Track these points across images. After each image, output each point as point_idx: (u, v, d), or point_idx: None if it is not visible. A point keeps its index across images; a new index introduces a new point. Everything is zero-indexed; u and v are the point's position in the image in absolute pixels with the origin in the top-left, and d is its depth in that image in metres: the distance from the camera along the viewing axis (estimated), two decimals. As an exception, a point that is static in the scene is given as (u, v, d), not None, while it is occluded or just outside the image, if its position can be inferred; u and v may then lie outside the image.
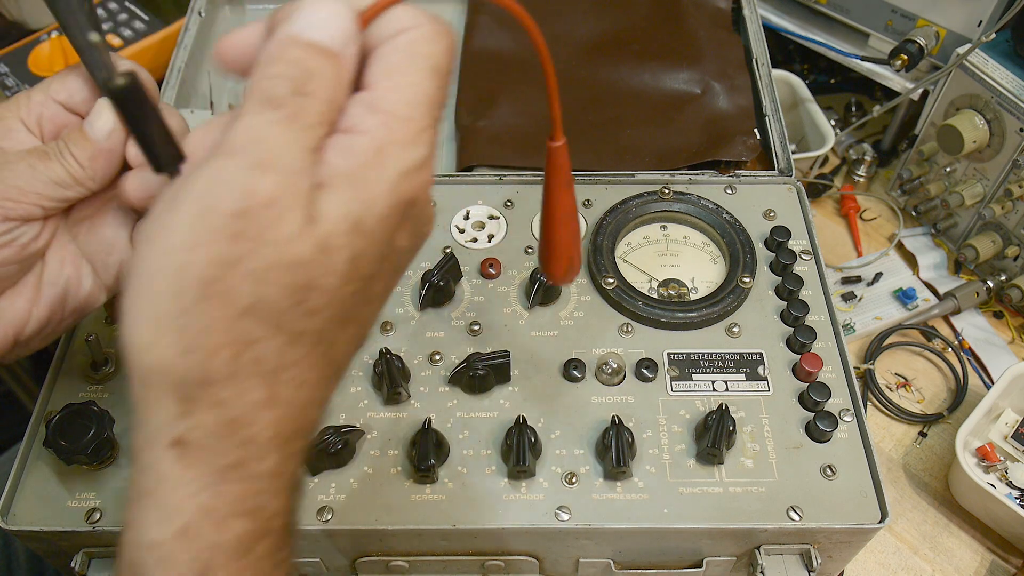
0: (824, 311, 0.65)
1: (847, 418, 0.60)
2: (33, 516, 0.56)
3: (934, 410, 0.79)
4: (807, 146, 0.91)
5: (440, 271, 0.64)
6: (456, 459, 0.59)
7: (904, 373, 0.81)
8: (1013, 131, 0.76)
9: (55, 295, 0.47)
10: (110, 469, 0.58)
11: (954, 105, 0.81)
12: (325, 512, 0.56)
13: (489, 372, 0.60)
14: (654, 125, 0.77)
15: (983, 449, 0.72)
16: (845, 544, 0.58)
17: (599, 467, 0.58)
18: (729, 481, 0.57)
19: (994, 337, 0.83)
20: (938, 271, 0.87)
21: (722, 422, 0.56)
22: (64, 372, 0.62)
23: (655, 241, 0.70)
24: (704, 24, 0.84)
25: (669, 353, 0.63)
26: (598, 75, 0.81)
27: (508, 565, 0.59)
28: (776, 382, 0.62)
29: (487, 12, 0.86)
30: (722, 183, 0.73)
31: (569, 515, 0.56)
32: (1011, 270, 0.82)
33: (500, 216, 0.71)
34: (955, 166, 0.83)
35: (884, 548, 0.71)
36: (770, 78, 0.79)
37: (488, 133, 0.76)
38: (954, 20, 0.82)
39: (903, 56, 0.83)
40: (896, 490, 0.74)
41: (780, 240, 0.68)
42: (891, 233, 0.91)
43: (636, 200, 0.70)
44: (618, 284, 0.65)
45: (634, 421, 0.60)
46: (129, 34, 0.99)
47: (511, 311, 0.65)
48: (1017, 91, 0.74)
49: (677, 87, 0.80)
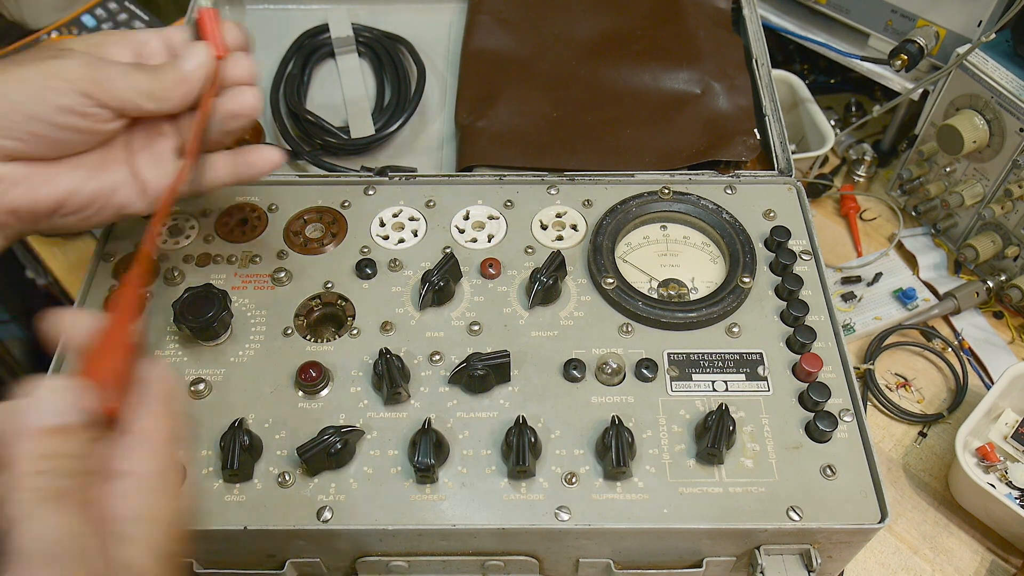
0: (824, 311, 0.65)
1: (847, 418, 0.60)
2: (33, 516, 0.56)
3: (934, 410, 0.79)
4: (807, 146, 0.91)
5: (440, 271, 0.64)
6: (456, 459, 0.59)
7: (904, 373, 0.81)
8: (1013, 131, 0.76)
9: (104, 184, 0.57)
10: (110, 469, 0.58)
11: (954, 105, 0.81)
12: (325, 512, 0.56)
13: (489, 372, 0.60)
14: (654, 125, 0.77)
15: (983, 449, 0.72)
16: (845, 544, 0.58)
17: (599, 467, 0.58)
18: (729, 481, 0.57)
19: (994, 337, 0.83)
20: (938, 271, 0.87)
21: (722, 422, 0.56)
22: (64, 372, 0.62)
23: (655, 241, 0.70)
24: (704, 24, 0.84)
25: (669, 353, 0.63)
26: (598, 75, 0.81)
27: (508, 565, 0.59)
28: (776, 382, 0.62)
29: (487, 12, 0.86)
30: (722, 183, 0.73)
31: (569, 515, 0.56)
32: (1011, 270, 0.82)
33: (500, 216, 0.71)
34: (955, 166, 0.83)
35: (884, 548, 0.71)
36: (770, 78, 0.79)
37: (488, 133, 0.76)
38: (954, 20, 0.82)
39: (903, 56, 0.83)
40: (896, 490, 0.74)
41: (780, 240, 0.68)
42: (891, 233, 0.91)
43: (636, 200, 0.70)
44: (618, 284, 0.65)
45: (634, 421, 0.60)
46: (129, 34, 0.99)
47: (511, 311, 0.65)
48: (1017, 91, 0.74)
49: (677, 87, 0.80)
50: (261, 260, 0.68)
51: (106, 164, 0.57)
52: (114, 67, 0.55)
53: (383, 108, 0.81)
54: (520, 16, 0.86)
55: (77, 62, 0.54)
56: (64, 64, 0.53)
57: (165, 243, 0.70)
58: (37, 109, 0.53)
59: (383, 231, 0.70)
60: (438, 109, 0.83)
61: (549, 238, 0.70)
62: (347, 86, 0.83)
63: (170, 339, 0.64)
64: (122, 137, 0.58)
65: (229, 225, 0.70)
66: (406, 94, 0.81)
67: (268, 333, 0.64)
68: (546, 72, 0.81)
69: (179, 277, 0.67)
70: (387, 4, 0.90)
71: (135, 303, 0.48)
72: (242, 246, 0.69)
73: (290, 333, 0.64)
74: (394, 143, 0.80)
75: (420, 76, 0.82)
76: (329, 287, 0.67)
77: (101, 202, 0.57)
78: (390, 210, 0.71)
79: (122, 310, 0.47)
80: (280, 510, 0.57)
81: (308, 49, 0.85)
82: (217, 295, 0.62)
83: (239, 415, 0.59)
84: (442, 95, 0.84)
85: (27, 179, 0.55)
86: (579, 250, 0.69)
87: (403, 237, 0.70)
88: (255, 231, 0.70)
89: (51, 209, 0.56)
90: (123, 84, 0.55)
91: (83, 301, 0.66)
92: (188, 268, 0.68)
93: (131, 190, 0.58)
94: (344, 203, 0.72)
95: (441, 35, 0.89)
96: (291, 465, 0.58)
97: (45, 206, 0.56)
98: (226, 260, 0.69)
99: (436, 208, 0.72)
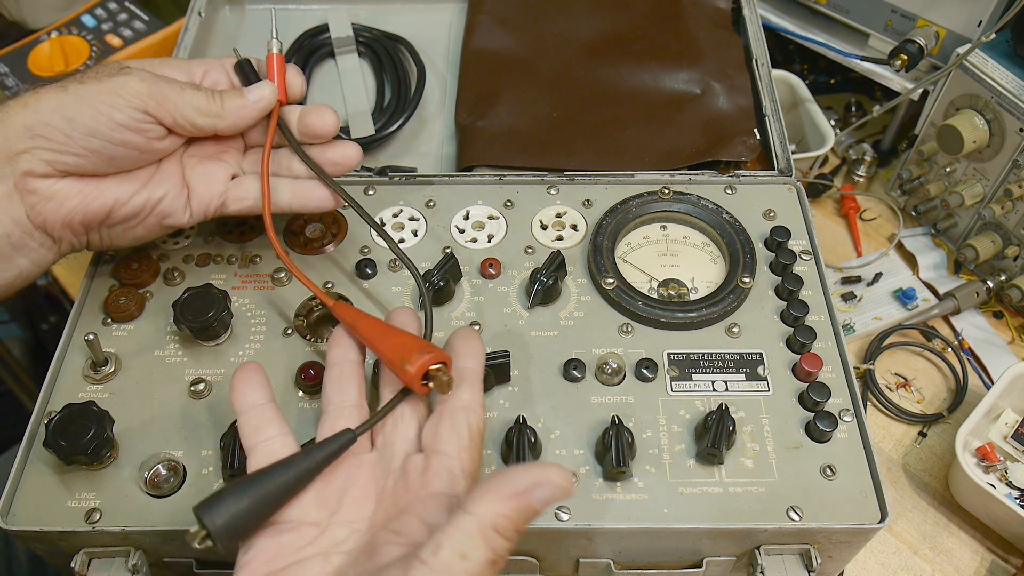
0: (824, 311, 0.65)
1: (847, 418, 0.60)
2: (33, 516, 0.56)
3: (934, 410, 0.79)
4: (807, 146, 0.91)
5: (440, 271, 0.64)
6: (456, 459, 0.59)
7: (904, 373, 0.81)
8: (1013, 131, 0.76)
9: (154, 195, 0.59)
10: (110, 469, 0.58)
11: (954, 105, 0.81)
12: (325, 512, 0.56)
13: (489, 372, 0.60)
14: (654, 125, 0.77)
15: (983, 449, 0.72)
16: (845, 544, 0.58)
17: (599, 467, 0.58)
18: (729, 481, 0.57)
19: (994, 337, 0.83)
20: (938, 271, 0.87)
21: (722, 422, 0.56)
22: (64, 372, 0.62)
23: (655, 241, 0.70)
24: (704, 24, 0.84)
25: (669, 353, 0.63)
26: (598, 75, 0.81)
27: (508, 565, 0.59)
28: (776, 382, 0.62)
29: (487, 12, 0.86)
30: (722, 183, 0.73)
31: (569, 515, 0.56)
32: (1011, 270, 0.82)
33: (500, 216, 0.71)
34: (955, 166, 0.83)
35: (884, 548, 0.71)
36: (770, 78, 0.79)
37: (488, 133, 0.76)
38: (954, 20, 0.82)
39: (903, 56, 0.83)
40: (896, 490, 0.74)
41: (780, 240, 0.68)
42: (891, 233, 0.91)
43: (636, 200, 0.70)
44: (618, 284, 0.65)
45: (634, 421, 0.60)
46: (129, 34, 0.99)
47: (511, 311, 0.65)
48: (1017, 91, 0.74)
49: (677, 87, 0.80)
50: (261, 260, 0.68)
51: (157, 177, 0.60)
52: (172, 84, 0.57)
53: (383, 108, 0.81)
54: (520, 16, 0.86)
55: (137, 78, 0.56)
56: (125, 81, 0.55)
57: (165, 243, 0.70)
58: (94, 125, 0.54)
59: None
60: (438, 109, 0.83)
61: (549, 238, 0.70)
62: (347, 86, 0.83)
63: (170, 339, 0.64)
64: (175, 154, 0.61)
65: (229, 225, 0.70)
66: (406, 94, 0.81)
67: (268, 333, 0.64)
68: (546, 72, 0.81)
69: (179, 277, 0.67)
70: (387, 4, 0.90)
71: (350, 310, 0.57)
72: (242, 246, 0.69)
73: (290, 333, 0.64)
74: (394, 143, 0.80)
75: (420, 76, 0.82)
76: (329, 287, 0.67)
77: (146, 212, 0.59)
78: (390, 210, 0.71)
79: (361, 317, 0.55)
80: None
81: (308, 49, 0.85)
82: (217, 295, 0.62)
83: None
84: (442, 95, 0.84)
85: (80, 192, 0.57)
86: (579, 250, 0.69)
87: (403, 237, 0.70)
88: (255, 231, 0.70)
89: (100, 219, 0.58)
90: (179, 100, 0.57)
91: (83, 301, 0.66)
92: (188, 268, 0.68)
93: (177, 202, 0.60)
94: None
95: (441, 35, 0.89)
96: (291, 465, 0.58)
97: (96, 217, 0.58)
98: (226, 260, 0.69)
99: (436, 208, 0.72)
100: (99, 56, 0.96)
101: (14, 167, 0.54)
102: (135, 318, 0.65)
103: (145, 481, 0.57)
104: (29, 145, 0.54)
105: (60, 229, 0.57)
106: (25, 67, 0.95)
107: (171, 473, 0.57)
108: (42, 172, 0.55)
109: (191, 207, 0.61)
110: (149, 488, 0.57)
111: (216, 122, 0.59)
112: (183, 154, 0.62)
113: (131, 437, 0.59)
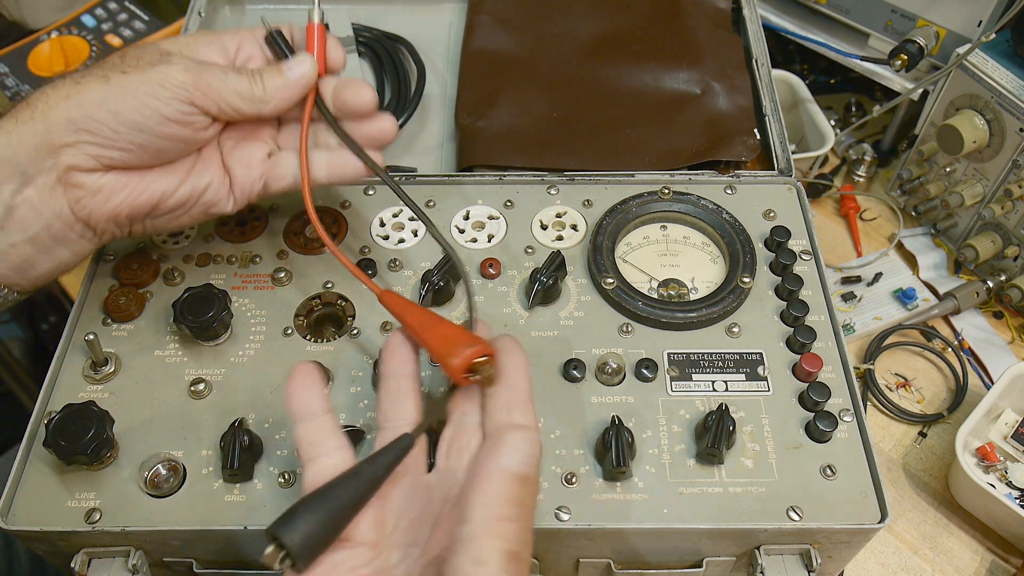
0: (824, 311, 0.65)
1: (847, 418, 0.60)
2: (33, 516, 0.56)
3: (934, 410, 0.79)
4: (807, 146, 0.91)
5: (440, 271, 0.64)
6: (456, 459, 0.59)
7: (904, 373, 0.81)
8: (1013, 131, 0.76)
9: (198, 185, 0.58)
10: (110, 469, 0.58)
11: (954, 105, 0.81)
12: (325, 512, 0.56)
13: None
14: (654, 125, 0.77)
15: (983, 449, 0.72)
16: (845, 544, 0.58)
17: (599, 467, 0.58)
18: (729, 481, 0.57)
19: (994, 337, 0.83)
20: (938, 271, 0.87)
21: (722, 422, 0.56)
22: (64, 372, 0.62)
23: (655, 241, 0.70)
24: (704, 24, 0.84)
25: (669, 353, 0.63)
26: (598, 75, 0.81)
27: (508, 565, 0.59)
28: (776, 382, 0.62)
29: (487, 12, 0.86)
30: (722, 183, 0.73)
31: (569, 515, 0.56)
32: (1011, 270, 0.82)
33: (500, 216, 0.71)
34: (955, 166, 0.84)
35: (884, 548, 0.71)
36: (770, 78, 0.79)
37: (488, 133, 0.76)
38: (954, 20, 0.82)
39: (903, 56, 0.83)
40: (896, 490, 0.74)
41: (780, 240, 0.68)
42: (891, 233, 0.91)
43: (636, 200, 0.70)
44: (618, 284, 0.65)
45: (634, 421, 0.60)
46: (129, 34, 0.99)
47: (511, 311, 0.65)
48: (1017, 91, 0.74)
49: (677, 87, 0.80)
50: (261, 260, 0.68)
51: (198, 166, 0.59)
52: (214, 70, 0.56)
53: (383, 108, 0.81)
54: (520, 16, 0.86)
55: (181, 67, 0.54)
56: (168, 71, 0.54)
57: (165, 243, 0.70)
58: (141, 119, 0.53)
59: (383, 231, 0.70)
60: (438, 109, 0.83)
61: (549, 238, 0.70)
62: (347, 86, 0.83)
63: (170, 339, 0.64)
64: (215, 140, 0.59)
65: (229, 225, 0.70)
66: (406, 94, 0.81)
67: (268, 333, 0.64)
68: (546, 72, 0.81)
69: (179, 277, 0.67)
70: (387, 4, 0.90)
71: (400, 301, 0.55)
72: (242, 246, 0.69)
73: (290, 333, 0.64)
74: (394, 143, 0.80)
75: (420, 76, 0.82)
76: (329, 287, 0.67)
77: (192, 202, 0.59)
78: (390, 210, 0.71)
79: (407, 306, 0.54)
80: (280, 510, 0.56)
81: (308, 49, 0.85)
82: (217, 295, 0.62)
83: (239, 415, 0.59)
84: (442, 95, 0.84)
85: (126, 187, 0.56)
86: (579, 250, 0.69)
87: (403, 237, 0.70)
88: (255, 231, 0.70)
89: (146, 212, 0.57)
90: (222, 87, 0.55)
91: (83, 301, 0.66)
92: (188, 268, 0.68)
93: (221, 191, 0.59)
94: (344, 203, 0.72)
95: (441, 35, 0.89)
96: (291, 465, 0.58)
97: (142, 211, 0.57)
98: (226, 260, 0.69)
99: (436, 208, 0.72)
100: (99, 57, 0.96)
101: (56, 160, 0.53)
102: (135, 318, 0.65)
103: (145, 481, 0.57)
104: (73, 139, 0.53)
105: (104, 222, 0.56)
106: (25, 67, 0.95)
107: (171, 473, 0.57)
108: (87, 167, 0.54)
109: (234, 195, 0.60)
110: (149, 488, 0.57)
111: (260, 107, 0.57)
112: (220, 137, 0.60)
113: (131, 437, 0.59)
